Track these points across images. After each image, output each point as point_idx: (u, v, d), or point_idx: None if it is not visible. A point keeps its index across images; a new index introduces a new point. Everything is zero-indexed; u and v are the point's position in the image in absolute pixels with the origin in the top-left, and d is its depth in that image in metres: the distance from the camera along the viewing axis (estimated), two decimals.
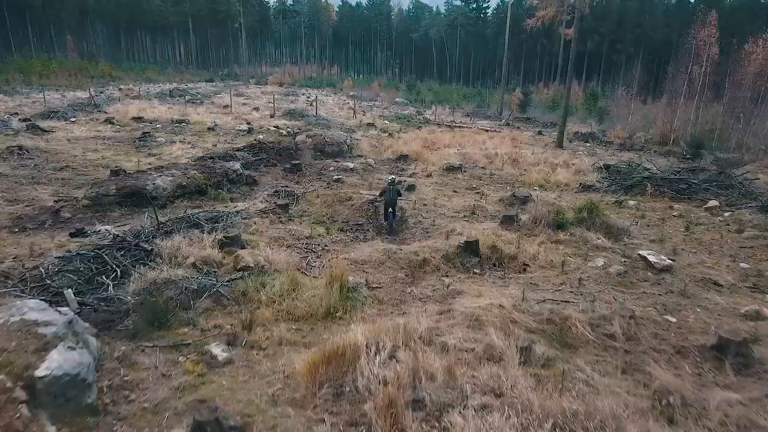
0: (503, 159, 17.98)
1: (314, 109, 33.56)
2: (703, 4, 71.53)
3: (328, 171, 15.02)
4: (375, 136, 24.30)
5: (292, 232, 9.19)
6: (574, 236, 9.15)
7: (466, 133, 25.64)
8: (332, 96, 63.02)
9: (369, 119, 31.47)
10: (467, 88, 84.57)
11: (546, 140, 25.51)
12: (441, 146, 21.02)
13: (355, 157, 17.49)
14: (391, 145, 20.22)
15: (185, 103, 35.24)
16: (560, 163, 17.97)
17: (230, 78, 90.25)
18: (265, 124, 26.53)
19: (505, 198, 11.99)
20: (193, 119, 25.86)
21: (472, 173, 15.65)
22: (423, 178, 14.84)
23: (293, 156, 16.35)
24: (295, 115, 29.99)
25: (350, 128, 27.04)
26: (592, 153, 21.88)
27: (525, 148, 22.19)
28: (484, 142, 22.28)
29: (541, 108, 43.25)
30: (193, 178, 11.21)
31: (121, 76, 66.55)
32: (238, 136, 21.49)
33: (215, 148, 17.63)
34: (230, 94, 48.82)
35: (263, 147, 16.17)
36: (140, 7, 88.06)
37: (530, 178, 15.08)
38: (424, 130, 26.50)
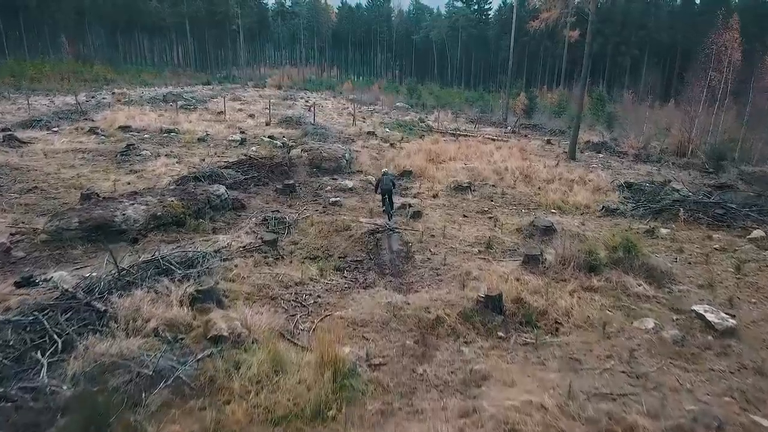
0: (514, 175, 16.64)
1: (312, 115, 32.21)
2: (708, 5, 70.33)
3: (324, 191, 13.68)
4: (376, 147, 22.96)
5: (280, 276, 7.84)
6: (611, 282, 7.80)
7: (472, 143, 24.29)
8: (331, 99, 61.70)
9: (369, 126, 30.12)
10: (469, 91, 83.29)
11: (556, 150, 24.17)
12: (446, 159, 19.68)
13: (354, 174, 16.15)
14: (393, 158, 18.88)
15: (178, 109, 33.88)
16: (576, 179, 16.62)
17: (228, 80, 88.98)
18: (259, 133, 25.19)
19: (524, 227, 10.64)
20: (184, 128, 24.50)
21: (482, 192, 14.30)
22: (429, 199, 13.49)
23: (287, 173, 15.00)
24: (291, 122, 28.63)
25: (349, 137, 25.72)
26: (607, 166, 20.54)
27: (535, 160, 20.85)
28: (491, 154, 20.94)
29: (546, 113, 41.93)
30: (170, 207, 9.86)
31: (117, 79, 65.16)
32: (229, 148, 20.14)
33: (202, 164, 16.29)
34: (225, 100, 47.57)
35: (254, 163, 14.83)
36: (137, 8, 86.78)
37: (546, 199, 13.73)
38: (427, 140, 25.15)
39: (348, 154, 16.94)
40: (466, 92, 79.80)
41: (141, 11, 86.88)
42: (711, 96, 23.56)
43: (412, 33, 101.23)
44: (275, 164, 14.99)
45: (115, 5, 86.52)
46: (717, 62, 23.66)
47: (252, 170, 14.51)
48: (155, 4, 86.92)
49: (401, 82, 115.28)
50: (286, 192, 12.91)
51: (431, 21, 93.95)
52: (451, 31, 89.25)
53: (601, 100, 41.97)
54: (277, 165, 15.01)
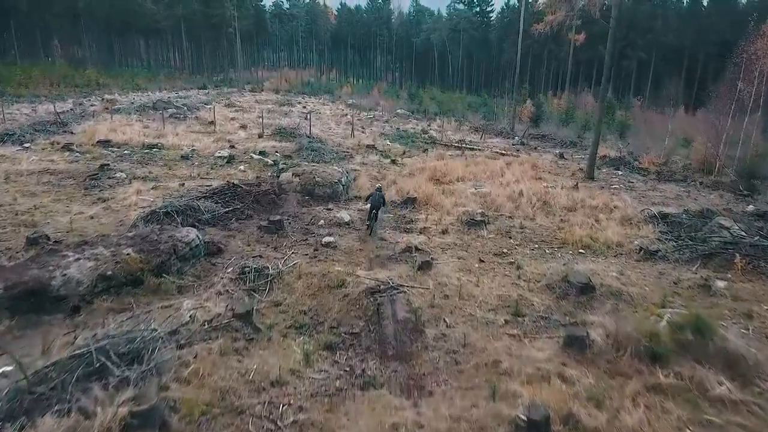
0: (531, 201, 14.84)
1: (309, 124, 30.40)
2: (716, 8, 68.62)
3: (316, 226, 11.86)
4: (375, 163, 21.16)
5: (250, 372, 6.03)
6: (682, 378, 6.00)
7: (480, 158, 22.50)
8: (330, 104, 59.93)
9: (368, 138, 28.32)
10: (471, 96, 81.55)
11: (571, 167, 22.36)
12: (453, 180, 17.89)
13: (351, 201, 14.34)
14: (394, 179, 17.07)
15: (167, 119, 32.06)
16: (600, 206, 14.82)
17: (225, 84, 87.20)
18: (250, 146, 23.39)
19: (554, 282, 8.82)
20: (169, 142, 22.71)
21: (498, 226, 12.47)
22: (437, 236, 11.67)
23: (275, 202, 13.19)
24: (286, 134, 26.82)
25: (347, 151, 23.93)
26: (629, 186, 18.74)
27: (550, 179, 19.05)
28: (502, 173, 19.14)
29: (553, 121, 40.12)
30: (126, 262, 8.05)
31: (109, 84, 63.36)
32: (215, 167, 18.33)
33: (181, 190, 14.48)
34: (219, 107, 45.78)
35: (238, 192, 13.01)
36: (133, 10, 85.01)
37: (572, 235, 11.92)
38: (431, 155, 23.37)
39: (345, 178, 15.13)
40: (468, 96, 78.05)
41: (136, 13, 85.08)
42: (739, 108, 21.77)
43: (412, 35, 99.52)
44: (262, 192, 13.17)
45: (110, 7, 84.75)
46: (747, 72, 21.85)
47: (235, 200, 12.69)
48: (150, 5, 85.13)
49: (401, 85, 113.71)
50: (271, 230, 11.10)
51: (432, 23, 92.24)
52: (453, 33, 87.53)
53: (611, 107, 40.16)
54: (264, 193, 13.19)
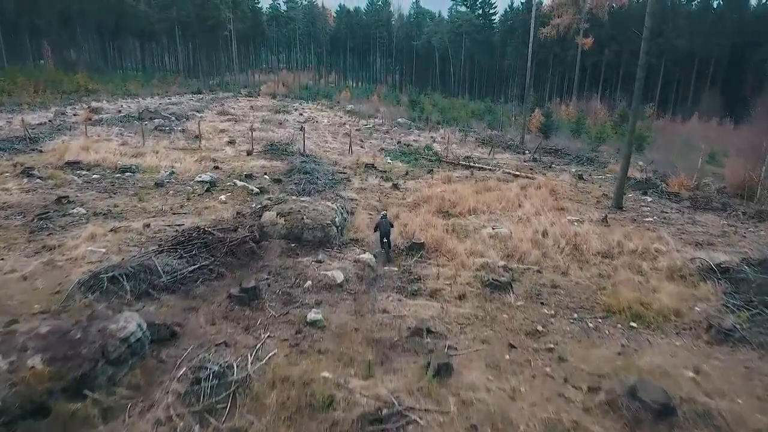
0: (559, 245, 12.58)
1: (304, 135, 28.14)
2: (728, 11, 66.37)
3: (302, 290, 9.57)
4: (375, 188, 18.89)
5: None
6: None
7: (491, 181, 20.23)
8: (327, 111, 57.65)
9: (368, 155, 26.07)
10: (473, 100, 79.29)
11: (593, 191, 20.09)
12: (465, 212, 15.63)
13: (347, 246, 12.05)
14: (398, 213, 14.80)
15: (152, 131, 29.81)
16: (640, 249, 12.57)
17: (221, 88, 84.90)
18: (237, 167, 21.14)
19: (616, 396, 6.52)
20: (146, 163, 20.44)
21: (526, 288, 10.17)
22: (453, 303, 9.39)
23: (254, 252, 10.92)
24: (278, 151, 24.55)
25: (344, 171, 21.67)
26: (663, 218, 16.46)
27: (573, 209, 16.79)
28: (519, 202, 16.89)
29: (564, 132, 37.86)
30: (28, 383, 5.76)
31: (99, 90, 61.06)
32: (192, 197, 16.05)
33: (145, 233, 12.19)
34: (211, 115, 43.51)
35: (209, 241, 10.72)
36: (127, 12, 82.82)
37: (617, 299, 9.63)
38: (437, 177, 21.09)
39: (339, 217, 12.83)
40: (471, 102, 75.76)
41: (130, 15, 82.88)
42: None
43: (412, 38, 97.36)
44: (238, 241, 10.88)
45: (102, 9, 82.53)
46: None
47: (204, 252, 10.40)
48: (144, 7, 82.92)
49: (401, 89, 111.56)
50: (244, 300, 8.81)
51: (433, 26, 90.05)
52: (454, 36, 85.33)
53: (624, 117, 37.90)
54: (240, 242, 10.90)
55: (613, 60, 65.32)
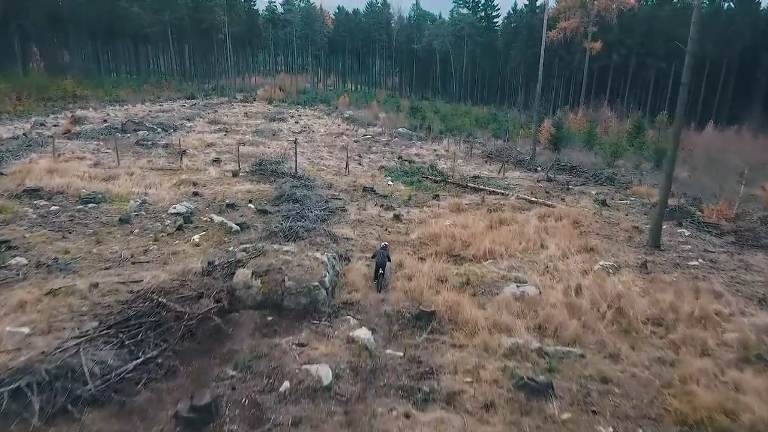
0: (599, 309, 10.28)
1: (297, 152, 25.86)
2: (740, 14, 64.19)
3: (276, 397, 7.21)
4: (375, 220, 16.58)
5: None
6: None
7: (506, 210, 17.93)
8: (325, 118, 55.36)
9: (366, 174, 23.79)
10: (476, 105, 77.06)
11: (621, 221, 17.78)
12: (480, 256, 13.34)
13: (337, 315, 9.74)
14: (401, 261, 12.50)
15: (131, 147, 27.52)
16: (698, 314, 10.27)
17: (216, 92, 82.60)
18: (219, 192, 18.85)
19: None
20: (116, 189, 18.12)
21: (571, 390, 7.82)
22: (477, 414, 7.06)
23: (219, 331, 8.61)
24: (267, 171, 22.23)
25: (340, 197, 19.37)
26: (710, 260, 14.14)
27: (604, 250, 14.48)
28: (541, 241, 14.62)
29: (575, 143, 35.56)
30: None
31: (87, 96, 58.67)
32: (159, 238, 13.71)
33: (89, 297, 9.86)
34: (201, 124, 41.17)
35: (163, 318, 8.39)
36: (120, 14, 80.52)
37: (690, 405, 7.33)
38: (444, 203, 18.77)
39: (330, 274, 10.51)
40: (474, 106, 73.50)
41: (123, 18, 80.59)
42: None
43: (413, 41, 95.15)
44: (200, 317, 8.55)
45: (94, 12, 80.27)
46: None
47: (154, 336, 8.07)
48: (138, 10, 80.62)
49: (401, 93, 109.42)
50: (195, 424, 6.47)
51: (434, 28, 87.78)
52: (456, 39, 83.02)
53: (640, 128, 35.57)
54: (203, 318, 8.58)
55: (620, 64, 63.05)
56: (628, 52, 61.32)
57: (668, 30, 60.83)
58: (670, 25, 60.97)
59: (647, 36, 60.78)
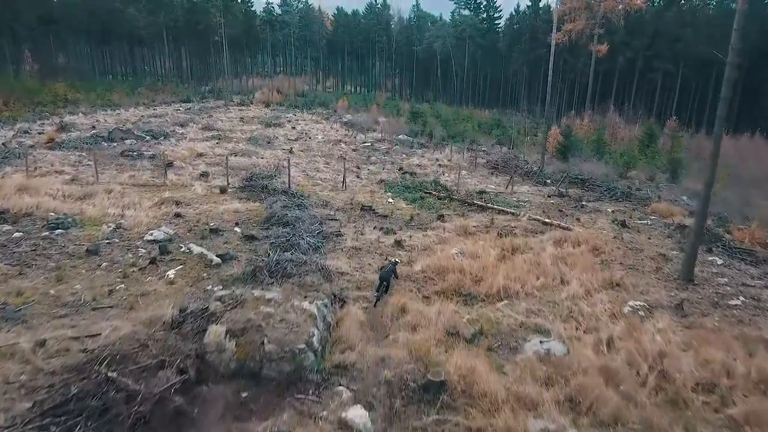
0: (639, 373, 8.68)
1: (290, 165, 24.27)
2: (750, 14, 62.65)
3: None
4: (374, 246, 14.96)
5: None
6: None
7: (518, 232, 16.36)
8: (323, 123, 53.73)
9: (365, 189, 22.19)
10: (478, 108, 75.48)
11: (645, 247, 16.17)
12: (493, 295, 11.75)
13: (327, 385, 8.12)
14: (403, 304, 10.88)
15: (114, 159, 25.94)
16: (756, 378, 8.66)
17: (212, 95, 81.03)
18: (204, 213, 17.26)
19: None
20: (90, 210, 16.53)
21: None
22: None
23: (182, 415, 7.02)
24: (257, 187, 20.63)
25: (336, 217, 17.77)
26: (751, 297, 12.54)
27: (631, 283, 12.88)
28: (560, 275, 13.03)
29: (583, 152, 33.95)
30: None
31: (79, 100, 57.01)
32: (129, 274, 12.08)
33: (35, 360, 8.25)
34: (194, 131, 39.53)
35: (110, 401, 6.79)
36: (115, 16, 78.99)
37: None
38: (449, 225, 17.15)
39: (319, 330, 8.91)
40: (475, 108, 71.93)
41: (118, 19, 79.05)
42: None
43: (413, 42, 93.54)
44: (156, 398, 6.94)
45: (89, 13, 78.77)
46: None
47: (96, 428, 6.45)
48: (133, 12, 79.06)
49: (401, 95, 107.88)
50: None
51: (435, 30, 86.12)
52: (457, 41, 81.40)
53: (652, 135, 33.95)
54: (160, 398, 6.97)
55: (626, 67, 61.44)
56: (634, 55, 59.73)
57: (674, 32, 59.33)
58: (676, 26, 59.44)
59: (653, 38, 59.20)
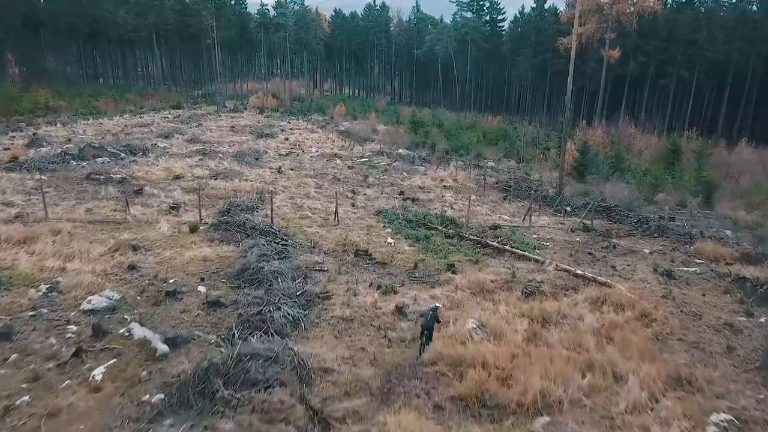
0: None
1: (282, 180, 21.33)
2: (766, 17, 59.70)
3: None
4: (368, 317, 11.94)
5: None
6: None
7: (547, 293, 13.36)
8: (319, 132, 50.70)
9: (360, 224, 19.18)
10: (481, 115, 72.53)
11: (703, 310, 13.17)
12: (526, 404, 8.81)
13: None
14: (406, 426, 7.88)
15: (77, 186, 22.94)
16: None
17: (205, 101, 78.05)
18: (164, 263, 14.30)
19: None
20: (23, 265, 13.50)
21: None
22: None
23: None
24: (233, 225, 17.57)
25: (323, 266, 14.78)
26: None
27: (704, 377, 9.90)
28: (608, 360, 10.10)
29: (600, 169, 30.97)
30: None
31: (61, 108, 53.94)
32: (40, 377, 9.03)
33: None
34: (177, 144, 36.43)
35: None
36: (103, 18, 75.87)
37: None
38: (462, 282, 14.10)
39: None
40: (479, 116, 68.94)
41: (107, 22, 75.91)
42: None
43: (413, 46, 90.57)
44: None
45: (76, 16, 75.63)
46: None
47: None
48: (123, 14, 75.98)
49: (401, 98, 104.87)
50: None
51: (436, 33, 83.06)
52: (459, 44, 78.39)
53: (676, 151, 30.89)
54: None
55: (638, 73, 58.45)
56: (646, 60, 56.77)
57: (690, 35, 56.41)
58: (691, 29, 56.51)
59: (667, 42, 56.28)
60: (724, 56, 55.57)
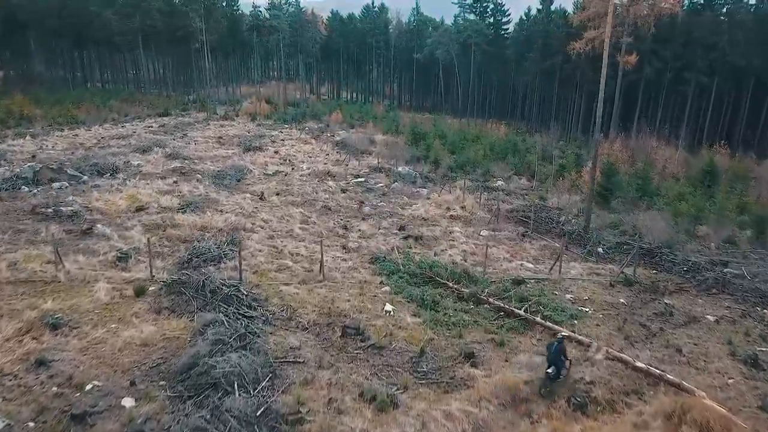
0: None
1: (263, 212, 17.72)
2: None
3: None
4: None
5: None
6: None
7: (602, 402, 9.79)
8: (312, 143, 47.07)
9: (351, 275, 15.56)
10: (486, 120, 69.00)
11: None
12: None
13: None
14: None
15: (20, 219, 19.34)
16: None
17: (195, 106, 74.30)
18: (87, 352, 10.73)
19: None
20: None
21: None
22: None
23: None
24: (191, 285, 13.91)
25: (300, 347, 11.17)
26: None
27: None
28: None
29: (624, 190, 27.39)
30: None
31: (36, 117, 50.29)
32: None
33: None
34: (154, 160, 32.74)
35: None
36: (88, 20, 72.24)
37: None
38: (484, 385, 10.47)
39: None
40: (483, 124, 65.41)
41: (95, 24, 72.25)
42: None
43: (413, 49, 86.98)
44: None
45: (59, 18, 72.05)
46: None
47: None
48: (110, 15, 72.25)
49: (401, 102, 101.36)
50: None
51: (437, 36, 79.43)
52: (461, 48, 74.80)
53: (712, 173, 27.23)
54: None
55: (653, 80, 54.89)
56: (663, 65, 53.23)
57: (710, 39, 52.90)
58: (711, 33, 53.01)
59: (685, 47, 52.80)
60: (744, 61, 52.05)
